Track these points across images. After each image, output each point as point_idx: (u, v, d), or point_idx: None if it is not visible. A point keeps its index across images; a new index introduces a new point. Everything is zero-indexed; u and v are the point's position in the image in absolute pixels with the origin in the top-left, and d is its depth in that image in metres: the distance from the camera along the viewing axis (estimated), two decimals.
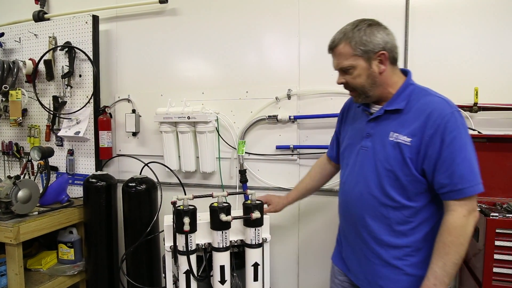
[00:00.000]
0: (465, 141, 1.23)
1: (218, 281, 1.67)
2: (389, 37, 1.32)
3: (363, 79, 1.34)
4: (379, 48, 1.29)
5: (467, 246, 1.24)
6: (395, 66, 1.38)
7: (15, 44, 2.74)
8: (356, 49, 1.31)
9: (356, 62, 1.32)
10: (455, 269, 1.24)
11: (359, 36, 1.30)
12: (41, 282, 2.20)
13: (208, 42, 2.40)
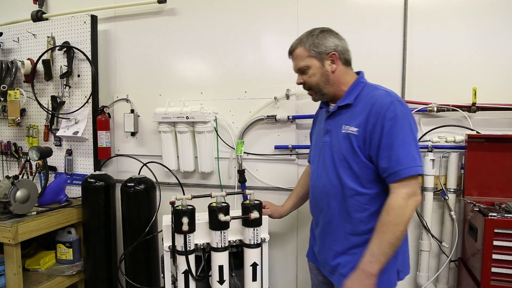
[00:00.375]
0: (403, 127, 1.31)
1: (216, 281, 1.67)
2: (340, 41, 1.49)
3: (317, 77, 1.49)
4: (330, 49, 1.46)
5: (404, 228, 1.31)
6: (348, 67, 1.53)
7: (14, 44, 2.73)
8: (310, 51, 1.47)
9: (310, 62, 1.48)
10: (391, 249, 1.31)
11: (312, 40, 1.47)
12: (40, 282, 2.19)
13: (207, 42, 2.40)
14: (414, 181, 1.31)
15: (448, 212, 1.96)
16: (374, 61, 2.09)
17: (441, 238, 2.02)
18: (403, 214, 1.29)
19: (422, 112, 2.02)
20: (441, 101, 1.98)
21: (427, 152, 1.98)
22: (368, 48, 2.09)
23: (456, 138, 1.94)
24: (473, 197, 1.87)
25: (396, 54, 2.05)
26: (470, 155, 1.88)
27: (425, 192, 2.00)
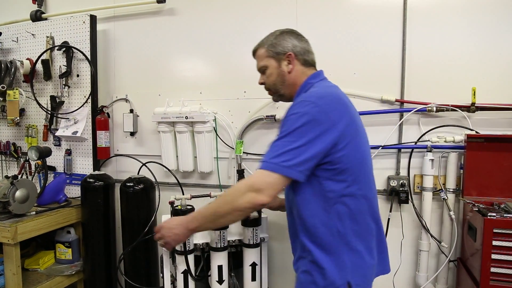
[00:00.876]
0: (292, 126, 1.22)
1: (216, 281, 1.67)
2: (300, 42, 1.47)
3: (274, 77, 1.49)
4: (287, 50, 1.45)
5: (230, 211, 1.26)
6: (308, 68, 1.48)
7: (13, 44, 2.73)
8: (268, 51, 1.48)
9: (268, 62, 1.49)
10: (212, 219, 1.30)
11: (271, 40, 1.48)
12: (39, 282, 2.19)
13: (206, 42, 2.40)
14: (268, 177, 1.20)
15: (447, 212, 1.96)
16: (373, 61, 2.09)
17: (440, 238, 2.02)
18: (234, 200, 1.24)
19: (421, 112, 2.02)
20: (440, 101, 1.98)
21: (426, 152, 1.98)
22: (367, 47, 2.09)
23: (456, 138, 1.94)
24: (472, 197, 1.87)
25: (395, 54, 2.05)
26: (469, 155, 1.87)
27: (424, 192, 2.00)
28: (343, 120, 1.24)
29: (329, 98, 1.28)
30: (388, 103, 2.08)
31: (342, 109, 1.27)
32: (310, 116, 1.21)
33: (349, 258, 1.28)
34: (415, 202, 2.07)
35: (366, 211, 1.32)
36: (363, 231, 1.31)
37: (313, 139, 1.20)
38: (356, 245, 1.29)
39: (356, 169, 1.28)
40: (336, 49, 2.15)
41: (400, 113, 2.07)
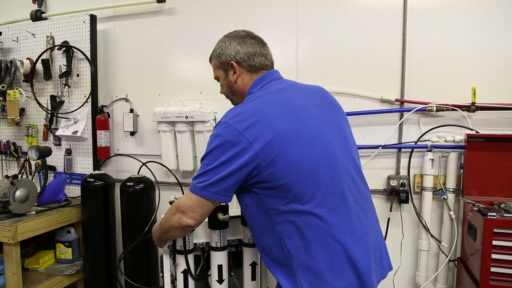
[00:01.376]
0: (208, 148, 1.22)
1: (216, 281, 1.67)
2: (243, 47, 1.38)
3: (224, 88, 1.47)
4: (230, 59, 1.39)
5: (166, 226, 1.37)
6: (256, 73, 1.40)
7: (13, 44, 2.73)
8: (215, 62, 1.45)
9: (218, 73, 1.47)
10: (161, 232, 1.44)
11: (216, 50, 1.44)
12: (39, 282, 2.19)
13: (206, 41, 2.38)
14: (191, 200, 1.23)
15: (447, 211, 1.96)
16: (373, 61, 2.09)
17: (440, 238, 2.02)
18: (169, 218, 1.34)
19: (421, 111, 2.02)
20: (441, 100, 1.98)
21: (426, 152, 1.98)
22: (367, 47, 2.09)
23: (456, 138, 1.94)
24: (472, 197, 1.87)
25: (395, 54, 2.06)
26: (469, 155, 1.87)
27: (424, 192, 2.00)
28: (262, 137, 1.14)
29: (245, 116, 1.18)
30: (388, 102, 2.08)
31: (261, 124, 1.16)
32: (221, 138, 1.18)
33: (306, 279, 1.18)
34: (415, 201, 2.07)
35: (320, 228, 1.17)
36: (321, 249, 1.17)
37: (226, 160, 1.16)
38: (314, 264, 1.17)
39: (298, 183, 1.16)
40: (336, 49, 2.15)
41: (400, 113, 2.07)
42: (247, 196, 1.26)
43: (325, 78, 2.13)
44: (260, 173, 1.16)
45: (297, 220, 1.17)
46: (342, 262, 1.18)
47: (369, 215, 1.31)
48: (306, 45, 2.20)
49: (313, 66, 2.19)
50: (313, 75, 2.17)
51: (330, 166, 1.21)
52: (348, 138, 1.35)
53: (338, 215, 1.19)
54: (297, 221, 1.17)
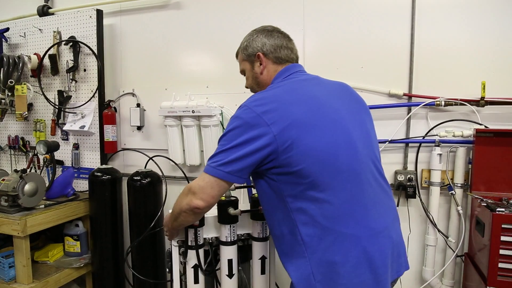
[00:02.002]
0: (228, 130, 1.23)
1: (226, 275, 1.67)
2: (270, 39, 1.42)
3: (250, 80, 1.50)
4: (256, 50, 1.42)
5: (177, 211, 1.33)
6: (281, 65, 1.43)
7: (20, 39, 2.74)
8: (242, 54, 1.49)
9: (244, 65, 1.50)
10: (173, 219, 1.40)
11: (243, 43, 1.48)
12: (48, 274, 2.22)
13: (212, 36, 2.39)
14: (203, 181, 1.22)
15: (455, 207, 1.95)
16: (381, 55, 2.07)
17: (447, 233, 2.01)
18: (180, 201, 1.31)
19: (429, 106, 2.00)
20: (449, 95, 1.96)
21: (434, 147, 1.96)
22: (375, 41, 2.07)
23: (464, 133, 1.92)
24: (480, 192, 1.85)
25: (403, 47, 2.03)
26: (478, 150, 1.86)
27: (432, 187, 1.99)
28: (280, 121, 1.15)
29: (265, 101, 1.21)
30: (395, 97, 2.06)
31: (280, 110, 1.17)
32: (240, 120, 1.19)
33: (319, 271, 1.17)
34: (423, 197, 2.06)
35: (336, 218, 1.16)
36: (336, 240, 1.16)
37: (243, 142, 1.17)
38: (328, 255, 1.16)
39: (315, 170, 1.15)
40: (343, 43, 2.13)
41: (408, 107, 2.06)
42: (264, 183, 1.26)
43: (332, 72, 2.11)
44: (277, 158, 1.17)
45: (313, 208, 1.17)
46: (357, 256, 1.17)
47: (389, 211, 1.31)
48: (313, 38, 2.19)
49: (320, 60, 2.18)
50: (320, 69, 2.14)
51: (350, 157, 1.20)
52: (371, 134, 1.35)
53: (355, 207, 1.19)
54: (313, 209, 1.17)
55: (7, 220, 2.02)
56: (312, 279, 1.17)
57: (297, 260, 1.22)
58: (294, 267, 1.23)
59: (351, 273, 1.16)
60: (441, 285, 2.03)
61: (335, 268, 1.16)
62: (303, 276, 1.19)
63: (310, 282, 1.18)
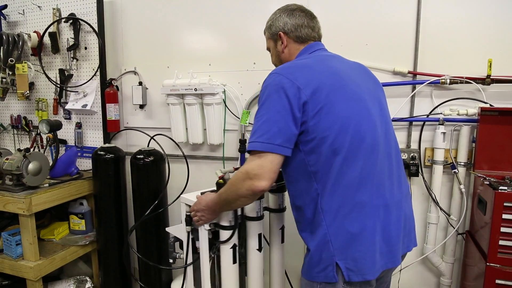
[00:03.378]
0: (260, 101, 1.25)
1: (256, 249, 1.67)
2: (291, 18, 1.45)
3: (274, 58, 1.56)
4: (278, 29, 1.47)
5: (233, 197, 1.30)
6: (303, 44, 1.47)
7: (19, 17, 2.70)
8: (267, 33, 1.54)
9: (269, 43, 1.56)
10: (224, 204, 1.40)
11: (268, 22, 1.52)
12: (55, 252, 2.26)
13: (215, 13, 2.34)
14: (258, 159, 1.18)
15: (458, 185, 1.96)
16: (386, 32, 2.03)
17: (449, 211, 2.02)
18: (237, 189, 1.26)
19: (434, 84, 1.98)
20: (455, 73, 1.93)
21: (438, 125, 1.95)
22: (380, 18, 2.03)
23: (469, 111, 1.91)
24: (483, 171, 1.85)
25: (409, 24, 1.99)
26: (482, 129, 1.85)
27: (435, 165, 1.99)
28: (311, 85, 1.19)
29: (295, 68, 1.26)
30: (400, 75, 2.04)
31: (310, 76, 1.22)
32: (275, 86, 1.21)
33: (336, 239, 1.20)
34: (425, 175, 2.07)
35: (357, 187, 1.20)
36: (355, 208, 1.20)
37: (282, 108, 1.18)
38: (347, 224, 1.20)
39: (340, 140, 1.18)
40: (348, 20, 2.09)
41: (413, 85, 2.04)
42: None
43: (336, 49, 2.03)
44: (306, 122, 1.19)
45: (335, 177, 1.20)
46: (374, 225, 1.21)
47: (403, 185, 1.36)
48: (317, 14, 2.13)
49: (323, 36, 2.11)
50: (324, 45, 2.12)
51: (370, 130, 1.24)
52: (386, 111, 1.39)
53: (373, 178, 1.23)
54: (335, 178, 1.20)
55: (12, 198, 2.04)
56: (330, 246, 1.21)
57: (316, 229, 1.25)
58: (312, 235, 1.26)
59: (367, 241, 1.21)
60: (442, 262, 2.06)
61: (352, 236, 1.20)
62: (321, 243, 1.23)
63: (328, 249, 1.21)
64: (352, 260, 1.20)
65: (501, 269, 1.56)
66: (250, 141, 1.22)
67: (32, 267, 2.08)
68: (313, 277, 1.26)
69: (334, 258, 1.20)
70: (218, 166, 2.46)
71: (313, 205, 1.24)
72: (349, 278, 1.20)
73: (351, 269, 1.20)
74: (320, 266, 1.23)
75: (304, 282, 1.32)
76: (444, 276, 2.07)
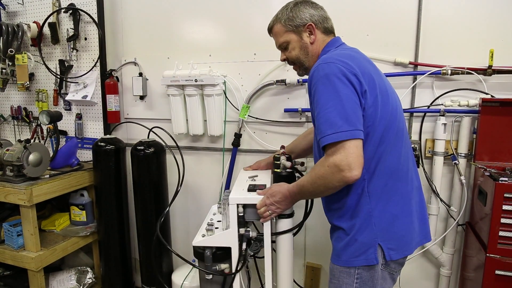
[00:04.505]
0: (323, 90, 1.21)
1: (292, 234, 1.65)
2: (316, 10, 1.45)
3: (297, 51, 1.48)
4: (306, 21, 1.43)
5: (321, 190, 1.26)
6: (328, 36, 1.48)
7: (18, 7, 2.69)
8: (286, 26, 1.46)
9: (288, 37, 1.47)
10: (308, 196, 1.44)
11: (287, 14, 1.46)
12: (56, 242, 2.27)
13: (216, 3, 2.33)
14: (341, 149, 1.16)
15: (458, 176, 1.96)
16: (387, 22, 2.02)
17: (449, 203, 2.02)
18: (323, 181, 1.23)
19: (435, 75, 1.97)
20: (456, 63, 1.92)
21: (439, 116, 1.95)
22: (380, 8, 2.02)
23: (470, 102, 1.90)
24: (484, 162, 1.85)
25: (410, 15, 1.98)
26: (483, 120, 1.84)
27: (435, 157, 1.99)
28: (365, 76, 1.24)
29: (346, 56, 1.27)
30: (401, 65, 2.03)
31: (361, 66, 1.25)
32: (336, 73, 1.20)
33: (380, 221, 1.28)
34: (426, 166, 2.06)
35: (395, 172, 1.30)
36: (396, 193, 1.30)
37: (351, 93, 1.20)
38: (389, 207, 1.29)
39: (386, 130, 1.27)
40: (349, 10, 2.08)
41: (414, 76, 2.02)
42: None
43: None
44: (365, 110, 1.23)
45: (378, 163, 1.28)
46: (409, 208, 1.34)
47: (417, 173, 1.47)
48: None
49: None
50: None
51: (402, 121, 1.38)
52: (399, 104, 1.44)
53: (405, 164, 1.35)
54: (378, 164, 1.28)
55: (13, 189, 2.05)
56: (373, 228, 1.28)
57: (358, 213, 1.30)
58: (352, 220, 1.31)
59: (407, 220, 1.33)
60: (442, 253, 2.07)
61: (394, 217, 1.30)
62: (362, 227, 1.29)
63: (371, 232, 1.28)
64: (394, 240, 1.29)
65: (501, 260, 1.57)
66: (329, 132, 1.17)
67: (33, 257, 2.09)
68: (350, 262, 1.31)
69: (377, 240, 1.28)
70: (218, 157, 2.46)
71: (360, 189, 1.29)
72: (390, 257, 1.29)
73: (392, 248, 1.29)
74: (359, 250, 1.29)
75: (338, 269, 1.35)
76: (444, 267, 2.08)
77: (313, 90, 1.26)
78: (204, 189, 2.55)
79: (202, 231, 1.67)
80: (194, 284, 2.17)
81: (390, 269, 1.33)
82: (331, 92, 1.20)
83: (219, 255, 1.62)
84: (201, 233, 1.65)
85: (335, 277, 1.36)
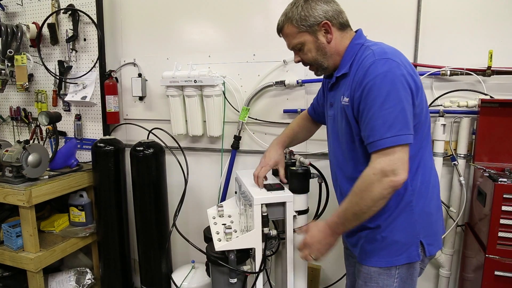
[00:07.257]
0: (381, 90, 1.15)
1: None
2: (329, 5, 1.33)
3: (314, 53, 1.37)
4: (321, 19, 1.31)
5: (371, 205, 1.18)
6: (345, 31, 1.37)
7: (17, 7, 2.69)
8: (299, 26, 1.34)
9: (302, 38, 1.35)
10: (354, 219, 1.23)
11: (298, 13, 1.32)
12: (55, 243, 2.27)
13: (215, 4, 2.33)
14: (393, 154, 1.13)
15: (457, 177, 1.96)
16: (385, 22, 2.02)
17: (449, 203, 2.02)
18: (370, 192, 1.16)
19: (434, 76, 1.97)
20: (455, 64, 1.92)
21: (438, 117, 1.95)
22: (379, 8, 2.02)
23: (469, 103, 1.90)
24: (483, 163, 1.85)
25: (409, 15, 1.98)
26: (482, 120, 1.84)
27: (435, 157, 1.98)
28: (415, 73, 1.23)
29: (398, 54, 1.23)
30: None
31: (409, 63, 1.24)
32: (395, 73, 1.15)
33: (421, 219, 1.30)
34: None
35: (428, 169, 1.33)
36: (433, 189, 1.35)
37: (407, 95, 1.17)
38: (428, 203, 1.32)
39: (426, 128, 1.30)
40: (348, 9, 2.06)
41: None
42: None
43: None
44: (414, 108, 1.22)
45: (416, 161, 1.28)
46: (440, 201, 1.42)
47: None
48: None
49: None
50: None
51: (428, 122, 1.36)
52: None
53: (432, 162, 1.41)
54: (416, 161, 1.28)
55: (12, 190, 2.04)
56: (416, 226, 1.30)
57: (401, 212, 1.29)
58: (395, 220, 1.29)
59: (439, 216, 1.39)
60: (441, 254, 2.07)
61: (431, 213, 1.34)
62: (404, 225, 1.29)
63: (414, 229, 1.29)
64: (433, 235, 1.33)
65: (500, 261, 1.57)
66: (385, 136, 1.13)
67: (33, 258, 2.09)
68: (391, 262, 1.30)
69: (419, 237, 1.29)
70: (217, 158, 2.46)
71: (402, 189, 1.24)
72: (429, 252, 1.31)
73: (431, 243, 1.32)
74: (401, 249, 1.29)
75: (377, 272, 1.32)
76: (443, 268, 2.08)
77: (366, 87, 1.18)
78: (203, 189, 2.55)
79: (217, 236, 1.61)
80: (193, 285, 2.17)
81: (423, 264, 1.36)
82: (390, 92, 1.14)
83: (239, 257, 1.61)
84: (216, 238, 1.60)
85: (372, 280, 1.32)
